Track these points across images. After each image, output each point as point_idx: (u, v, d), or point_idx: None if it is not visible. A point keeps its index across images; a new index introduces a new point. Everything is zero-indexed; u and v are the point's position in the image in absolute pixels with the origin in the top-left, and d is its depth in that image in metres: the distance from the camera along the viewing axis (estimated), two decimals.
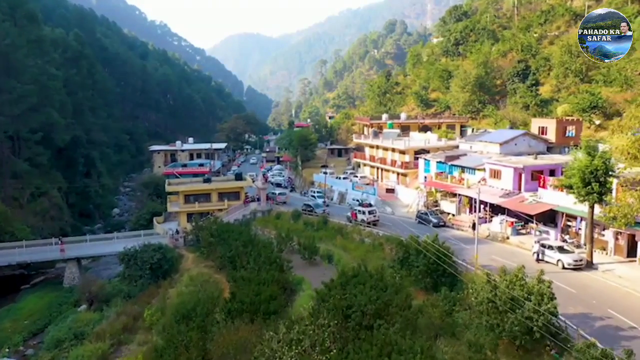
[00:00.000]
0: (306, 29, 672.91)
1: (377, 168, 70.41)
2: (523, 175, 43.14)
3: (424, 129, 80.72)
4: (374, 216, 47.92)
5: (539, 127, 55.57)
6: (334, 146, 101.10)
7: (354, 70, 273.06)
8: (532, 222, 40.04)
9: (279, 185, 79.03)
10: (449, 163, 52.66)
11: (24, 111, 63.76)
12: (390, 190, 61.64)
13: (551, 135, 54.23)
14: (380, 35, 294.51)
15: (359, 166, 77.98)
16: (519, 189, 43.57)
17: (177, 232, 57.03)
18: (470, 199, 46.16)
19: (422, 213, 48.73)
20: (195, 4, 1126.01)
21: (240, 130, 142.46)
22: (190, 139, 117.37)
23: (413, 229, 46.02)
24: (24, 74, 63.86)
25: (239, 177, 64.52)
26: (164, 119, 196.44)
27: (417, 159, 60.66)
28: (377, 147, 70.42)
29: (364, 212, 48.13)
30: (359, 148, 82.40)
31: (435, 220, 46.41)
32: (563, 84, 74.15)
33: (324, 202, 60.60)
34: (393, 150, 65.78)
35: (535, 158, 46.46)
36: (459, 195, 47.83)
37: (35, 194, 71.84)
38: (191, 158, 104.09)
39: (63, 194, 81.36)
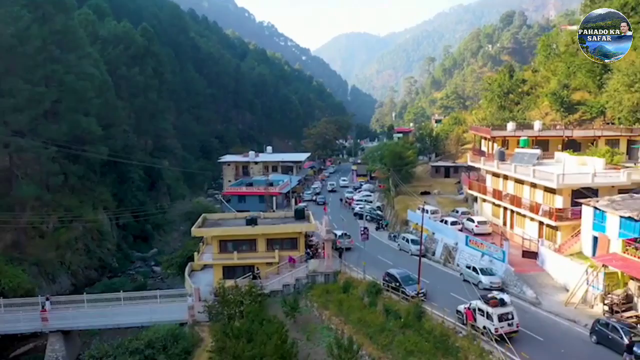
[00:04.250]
0: (414, 27, 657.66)
1: (505, 209, 46.24)
2: None
3: (571, 145, 56.06)
4: (510, 325, 25.99)
5: None
6: (439, 163, 78.61)
7: (465, 68, 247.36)
8: None
9: (360, 217, 58.46)
10: None
11: (33, 118, 49.94)
12: (530, 254, 37.67)
13: None
14: (496, 29, 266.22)
15: (475, 200, 54.10)
16: None
17: (214, 294, 38.96)
18: None
19: (604, 324, 25.52)
20: (304, 5, 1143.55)
21: (330, 137, 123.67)
22: (269, 148, 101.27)
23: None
24: (36, 72, 50.01)
25: (299, 214, 45.28)
26: (258, 121, 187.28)
27: (576, 203, 37.03)
28: (506, 177, 46.85)
29: (490, 316, 26.05)
30: (472, 168, 59.53)
31: (639, 351, 23.55)
32: None
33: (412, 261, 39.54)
34: (533, 185, 41.38)
35: None
36: None
37: (66, 220, 58.96)
38: (266, 171, 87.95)
39: (112, 215, 68.87)
